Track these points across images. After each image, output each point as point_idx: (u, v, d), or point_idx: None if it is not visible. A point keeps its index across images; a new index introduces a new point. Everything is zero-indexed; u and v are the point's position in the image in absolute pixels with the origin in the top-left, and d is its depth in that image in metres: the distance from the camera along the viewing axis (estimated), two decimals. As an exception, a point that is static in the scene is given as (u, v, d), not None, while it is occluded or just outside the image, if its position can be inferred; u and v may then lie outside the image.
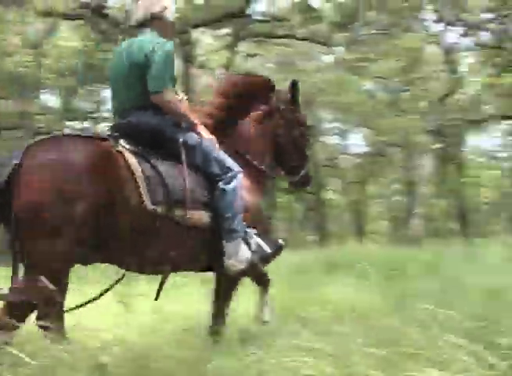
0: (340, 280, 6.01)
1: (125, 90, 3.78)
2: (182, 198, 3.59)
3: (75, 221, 3.22)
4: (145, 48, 3.69)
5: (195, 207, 3.66)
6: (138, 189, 3.44)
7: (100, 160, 3.38)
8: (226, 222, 3.69)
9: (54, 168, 3.25)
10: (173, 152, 3.69)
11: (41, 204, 3.18)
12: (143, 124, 3.71)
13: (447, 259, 8.55)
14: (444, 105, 20.34)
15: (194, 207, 3.66)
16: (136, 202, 3.43)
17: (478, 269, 6.72)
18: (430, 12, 18.39)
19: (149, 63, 3.65)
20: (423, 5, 18.45)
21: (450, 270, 6.66)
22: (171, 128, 3.75)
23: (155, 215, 3.49)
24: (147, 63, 3.66)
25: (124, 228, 3.39)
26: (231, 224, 3.70)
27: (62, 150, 3.34)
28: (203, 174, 3.76)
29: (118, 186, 3.39)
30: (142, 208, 3.44)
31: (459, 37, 19.45)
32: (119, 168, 3.43)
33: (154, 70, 3.64)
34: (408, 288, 5.42)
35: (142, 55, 3.68)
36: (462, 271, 6.10)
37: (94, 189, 3.27)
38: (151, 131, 3.70)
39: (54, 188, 3.20)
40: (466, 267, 6.61)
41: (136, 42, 3.79)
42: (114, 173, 3.40)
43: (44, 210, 3.18)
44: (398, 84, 20.98)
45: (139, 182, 3.45)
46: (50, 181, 3.21)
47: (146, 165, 3.54)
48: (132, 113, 3.74)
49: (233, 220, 3.70)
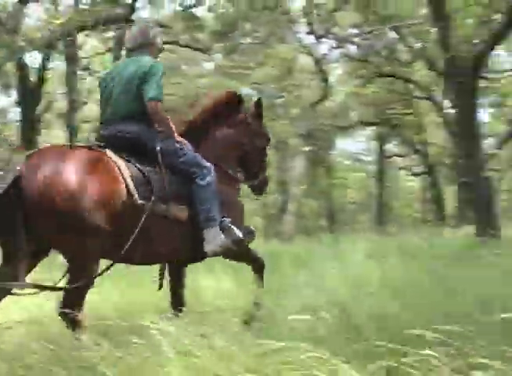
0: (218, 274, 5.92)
1: (120, 101, 4.30)
2: (164, 194, 4.11)
3: (83, 216, 3.67)
4: (143, 67, 4.26)
5: (176, 202, 4.20)
6: (128, 187, 3.94)
7: (95, 164, 3.86)
8: (204, 213, 4.23)
9: (58, 174, 3.67)
10: (153, 157, 4.20)
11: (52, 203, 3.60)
12: (129, 133, 4.24)
13: (316, 254, 8.97)
14: (315, 111, 21.52)
15: (175, 201, 4.19)
16: (127, 198, 3.91)
17: (343, 263, 6.94)
18: (304, 25, 19.39)
19: (148, 78, 4.22)
20: (298, 18, 19.63)
21: (318, 265, 6.68)
22: (151, 136, 4.28)
23: (143, 209, 3.97)
24: (145, 78, 4.22)
25: (117, 221, 3.83)
26: (208, 214, 4.24)
27: (62, 158, 3.78)
28: (182, 173, 4.28)
29: (111, 185, 3.86)
30: (132, 203, 3.94)
31: (330, 50, 20.48)
32: (111, 170, 3.91)
33: (154, 82, 4.21)
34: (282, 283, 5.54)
35: (141, 72, 4.24)
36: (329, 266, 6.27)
37: (93, 188, 3.73)
38: (135, 139, 4.24)
39: (61, 189, 3.63)
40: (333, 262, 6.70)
41: (134, 62, 4.38)
42: (107, 174, 3.88)
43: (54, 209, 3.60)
44: (273, 91, 21.96)
45: (128, 181, 3.95)
46: (57, 183, 3.63)
47: (132, 168, 4.05)
48: (121, 122, 4.27)
49: (210, 210, 4.24)
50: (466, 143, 12.90)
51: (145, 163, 4.16)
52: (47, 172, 3.66)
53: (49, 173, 3.66)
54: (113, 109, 4.33)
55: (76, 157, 3.82)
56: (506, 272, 5.44)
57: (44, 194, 3.60)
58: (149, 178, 4.09)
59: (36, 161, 3.73)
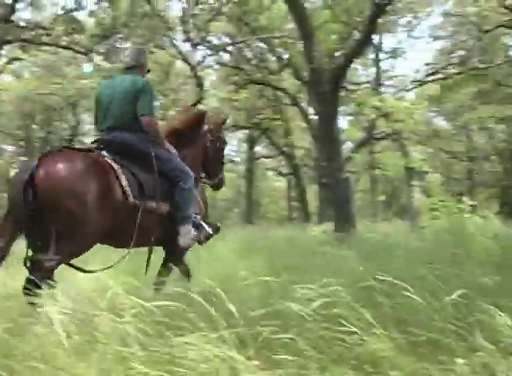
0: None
1: (117, 112, 4.94)
2: (153, 194, 4.80)
3: (85, 210, 4.30)
4: (136, 84, 4.92)
5: (162, 201, 4.88)
6: (123, 187, 4.59)
7: (95, 167, 4.48)
8: (182, 211, 4.98)
9: (66, 173, 4.28)
10: (146, 161, 4.85)
11: (59, 198, 4.20)
12: (125, 140, 4.89)
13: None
14: (190, 114, 22.20)
15: (161, 200, 4.88)
16: (122, 196, 4.57)
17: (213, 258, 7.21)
18: (181, 33, 19.84)
19: (140, 94, 4.88)
20: (175, 26, 20.29)
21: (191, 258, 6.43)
22: (145, 143, 4.93)
23: (135, 206, 4.65)
24: (138, 94, 4.88)
25: (113, 215, 4.49)
26: (186, 213, 4.99)
27: (69, 160, 4.40)
28: (168, 176, 4.96)
29: (109, 185, 4.50)
30: (126, 201, 4.60)
31: (205, 56, 21.04)
32: (108, 172, 4.55)
33: (146, 99, 4.90)
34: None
35: (135, 88, 4.89)
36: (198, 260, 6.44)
37: (93, 187, 4.37)
38: (130, 145, 4.88)
39: (67, 187, 4.25)
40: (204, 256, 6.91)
41: (128, 78, 5.01)
42: (106, 176, 4.52)
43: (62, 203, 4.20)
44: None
45: (123, 182, 4.59)
46: (64, 182, 4.24)
47: (126, 170, 4.69)
48: (118, 131, 4.91)
49: (187, 210, 4.99)
50: (327, 147, 13.55)
51: (136, 165, 4.80)
52: (56, 170, 4.27)
53: (58, 171, 4.26)
54: (111, 119, 4.96)
55: (81, 159, 4.45)
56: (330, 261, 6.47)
57: (52, 190, 4.20)
58: (140, 180, 4.75)
59: (48, 161, 4.33)
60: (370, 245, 8.86)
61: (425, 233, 11.95)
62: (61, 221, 4.24)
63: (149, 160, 4.86)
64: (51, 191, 4.20)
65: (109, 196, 4.49)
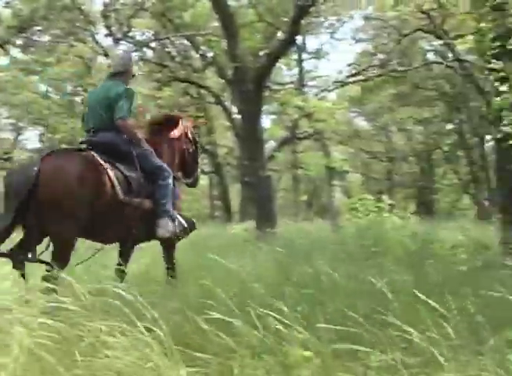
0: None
1: (99, 115, 5.37)
2: (138, 191, 5.24)
3: (81, 206, 4.77)
4: (117, 90, 5.33)
5: (145, 197, 5.31)
6: (113, 185, 5.02)
7: (89, 166, 4.93)
8: (162, 206, 5.39)
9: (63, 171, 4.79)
10: (129, 160, 5.28)
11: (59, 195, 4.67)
12: (109, 141, 5.32)
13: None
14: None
15: (145, 196, 5.31)
16: (113, 193, 5.02)
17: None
18: (102, 27, 19.48)
19: (119, 99, 5.27)
20: (97, 20, 19.90)
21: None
22: (127, 144, 5.35)
23: (124, 202, 5.09)
24: (118, 99, 5.28)
25: (105, 211, 4.95)
26: (165, 207, 5.40)
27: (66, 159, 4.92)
28: (149, 174, 5.37)
29: (102, 183, 4.95)
30: (117, 198, 5.04)
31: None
32: (101, 172, 4.98)
33: (123, 104, 5.28)
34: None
35: (115, 93, 5.30)
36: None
37: (88, 185, 4.83)
38: (114, 145, 5.31)
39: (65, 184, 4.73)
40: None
41: (110, 84, 5.46)
42: (98, 175, 4.96)
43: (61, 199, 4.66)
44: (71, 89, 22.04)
45: (113, 180, 5.03)
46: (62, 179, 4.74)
47: (115, 169, 5.11)
48: (102, 132, 5.36)
49: (166, 204, 5.40)
50: (250, 146, 13.71)
51: (121, 164, 5.22)
52: (57, 170, 4.79)
53: (59, 171, 4.79)
54: (97, 121, 5.42)
55: (78, 159, 4.96)
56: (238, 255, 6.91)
57: (53, 187, 4.69)
58: (128, 178, 5.19)
59: (50, 161, 4.83)
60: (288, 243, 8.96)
61: (344, 232, 12.15)
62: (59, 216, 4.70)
63: (131, 160, 5.31)
64: (55, 189, 4.69)
65: (104, 193, 4.96)
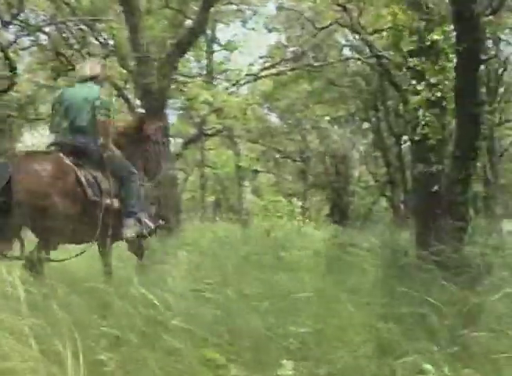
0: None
1: (70, 117, 5.76)
2: (108, 191, 5.59)
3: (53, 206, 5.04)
4: (94, 93, 5.86)
5: (114, 197, 5.64)
6: (83, 185, 5.38)
7: (60, 167, 5.31)
8: (129, 206, 5.73)
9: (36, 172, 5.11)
10: (99, 162, 5.64)
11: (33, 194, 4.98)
12: (79, 142, 5.69)
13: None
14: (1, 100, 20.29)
15: (114, 196, 5.64)
16: (83, 193, 5.37)
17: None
18: None
19: (97, 101, 5.74)
20: None
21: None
22: (96, 145, 5.71)
23: (95, 203, 5.44)
24: (95, 101, 5.74)
25: (75, 211, 5.25)
26: (131, 208, 5.74)
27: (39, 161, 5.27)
28: (117, 175, 5.73)
29: (72, 184, 5.30)
30: (87, 198, 5.39)
31: (18, 37, 19.24)
32: (70, 173, 5.34)
33: (104, 105, 5.80)
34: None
35: (92, 96, 5.79)
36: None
37: (60, 185, 5.16)
38: (83, 147, 5.68)
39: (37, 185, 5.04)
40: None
41: (86, 88, 5.92)
42: (69, 175, 5.33)
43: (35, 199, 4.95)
44: None
45: (83, 181, 5.38)
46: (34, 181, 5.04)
47: (84, 170, 5.48)
48: (71, 134, 5.75)
49: (133, 205, 5.75)
50: None
51: (93, 165, 5.62)
52: (29, 172, 5.12)
53: (31, 173, 5.11)
54: (68, 123, 5.75)
55: (47, 161, 5.28)
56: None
57: (25, 189, 4.95)
58: (96, 178, 5.54)
59: (22, 163, 5.23)
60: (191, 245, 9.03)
61: (251, 234, 12.62)
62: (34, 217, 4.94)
63: (100, 161, 5.67)
64: (28, 190, 4.95)
65: (74, 194, 5.28)
